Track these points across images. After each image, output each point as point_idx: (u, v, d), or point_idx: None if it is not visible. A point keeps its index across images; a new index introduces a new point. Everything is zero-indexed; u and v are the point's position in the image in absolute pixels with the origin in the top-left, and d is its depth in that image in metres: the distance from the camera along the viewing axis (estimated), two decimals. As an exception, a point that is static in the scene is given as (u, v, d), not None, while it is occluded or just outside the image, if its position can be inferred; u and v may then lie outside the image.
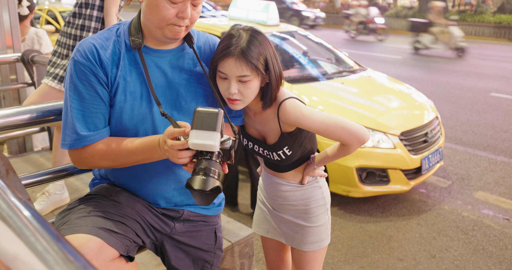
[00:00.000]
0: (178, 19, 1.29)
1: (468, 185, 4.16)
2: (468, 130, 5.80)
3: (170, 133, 1.18)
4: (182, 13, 1.28)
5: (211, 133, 1.11)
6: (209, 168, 1.13)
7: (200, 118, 1.12)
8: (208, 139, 1.11)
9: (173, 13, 1.28)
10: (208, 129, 1.11)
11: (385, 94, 4.23)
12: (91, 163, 1.36)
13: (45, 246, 0.51)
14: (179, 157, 1.18)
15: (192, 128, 1.12)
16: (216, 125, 1.11)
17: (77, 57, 1.31)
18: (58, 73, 2.46)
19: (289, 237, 1.74)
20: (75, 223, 1.28)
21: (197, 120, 1.12)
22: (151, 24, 1.32)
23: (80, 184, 3.01)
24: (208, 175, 1.12)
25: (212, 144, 1.11)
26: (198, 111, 1.13)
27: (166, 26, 1.30)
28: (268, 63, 1.42)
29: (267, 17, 4.84)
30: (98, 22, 2.43)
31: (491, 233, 3.32)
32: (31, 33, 3.89)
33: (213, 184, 1.11)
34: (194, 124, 1.12)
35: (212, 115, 1.12)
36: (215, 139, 1.11)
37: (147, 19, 1.32)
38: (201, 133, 1.11)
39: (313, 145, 1.67)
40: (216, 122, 1.11)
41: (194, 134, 1.11)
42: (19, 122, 1.54)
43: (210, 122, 1.11)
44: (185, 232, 1.56)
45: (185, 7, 1.28)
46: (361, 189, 3.47)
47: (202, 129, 1.11)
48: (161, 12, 1.27)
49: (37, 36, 3.88)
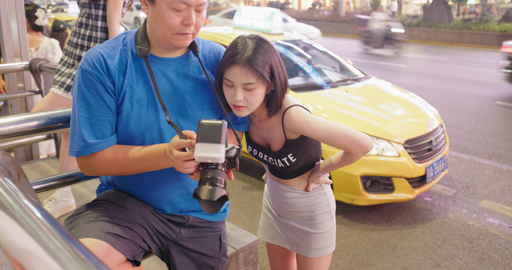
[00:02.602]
0: (184, 27, 1.31)
1: (473, 193, 4.15)
2: (473, 138, 5.79)
3: (176, 144, 1.20)
4: (187, 20, 1.30)
5: (216, 145, 1.13)
6: (215, 177, 1.15)
7: (205, 131, 1.13)
8: (213, 152, 1.13)
9: (178, 21, 1.30)
10: (213, 141, 1.13)
11: (390, 103, 4.24)
12: (98, 171, 1.39)
13: (57, 245, 0.53)
14: (185, 168, 1.20)
15: (197, 141, 1.14)
16: (220, 137, 1.13)
17: (85, 66, 1.34)
18: (65, 81, 2.50)
19: (295, 244, 1.75)
20: (83, 228, 1.30)
21: (201, 133, 1.13)
22: (157, 34, 1.34)
23: (86, 191, 3.03)
24: (214, 185, 1.14)
25: (218, 157, 1.13)
26: (202, 124, 1.14)
27: (173, 35, 1.32)
28: (273, 71, 1.44)
29: (271, 26, 4.88)
30: (104, 32, 2.47)
31: (496, 242, 3.30)
32: (45, 43, 4.01)
33: (220, 194, 1.14)
34: (199, 137, 1.14)
35: (216, 128, 1.14)
36: (220, 151, 1.13)
37: (154, 30, 1.35)
38: (206, 146, 1.13)
39: (317, 153, 1.69)
40: (221, 134, 1.13)
41: (199, 147, 1.13)
42: (28, 129, 1.57)
43: (215, 135, 1.13)
44: (190, 238, 1.57)
45: (189, 14, 1.30)
46: (365, 197, 3.47)
47: (207, 142, 1.13)
48: (166, 21, 1.30)
49: (51, 46, 4.02)
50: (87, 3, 2.44)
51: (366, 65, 11.90)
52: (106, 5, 2.42)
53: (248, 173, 4.52)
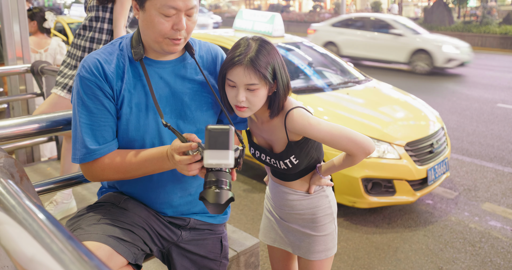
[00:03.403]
0: (174, 32, 1.31)
1: (475, 196, 4.14)
2: (474, 141, 5.78)
3: (176, 148, 1.20)
4: (177, 25, 1.30)
5: (225, 152, 1.13)
6: (220, 180, 1.16)
7: (213, 138, 1.14)
8: (223, 159, 1.13)
9: (168, 26, 1.30)
10: (222, 148, 1.13)
11: (391, 105, 4.24)
12: (102, 177, 1.39)
13: (60, 247, 0.53)
14: (189, 170, 1.20)
15: (206, 148, 1.14)
16: (228, 143, 1.13)
17: (82, 73, 1.34)
18: (67, 83, 2.50)
19: (296, 246, 1.74)
20: (85, 231, 1.30)
21: (209, 140, 1.14)
22: (149, 39, 1.35)
23: (87, 194, 3.03)
24: (220, 187, 1.15)
25: (227, 163, 1.14)
26: (210, 130, 1.14)
27: (163, 39, 1.32)
28: (276, 72, 1.45)
29: (272, 29, 4.89)
30: (108, 34, 2.49)
31: (498, 245, 3.29)
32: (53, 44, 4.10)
33: (226, 196, 1.14)
34: (207, 144, 1.14)
35: (224, 134, 1.14)
36: (230, 157, 1.14)
37: (145, 34, 1.36)
38: (215, 152, 1.13)
39: (319, 155, 1.69)
40: (229, 140, 1.14)
41: (208, 154, 1.14)
42: (30, 131, 1.57)
43: (223, 141, 1.13)
44: (191, 241, 1.57)
45: (179, 19, 1.30)
46: (366, 200, 3.46)
47: (215, 149, 1.13)
48: (156, 26, 1.30)
49: (60, 47, 4.13)
50: (95, 6, 2.46)
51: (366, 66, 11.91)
52: (113, 8, 2.45)
53: (249, 175, 4.52)
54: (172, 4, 1.26)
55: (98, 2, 2.44)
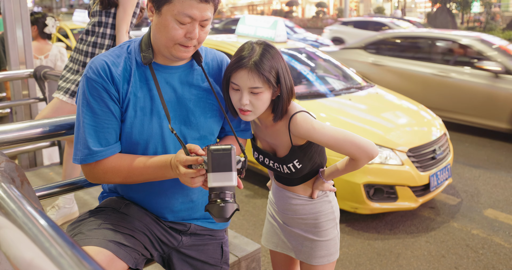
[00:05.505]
0: (186, 40, 1.32)
1: (478, 202, 4.12)
2: (477, 147, 5.76)
3: (182, 161, 1.20)
4: (190, 34, 1.31)
5: (228, 174, 1.14)
6: (223, 192, 1.15)
7: (216, 160, 1.14)
8: (226, 181, 1.14)
9: (181, 33, 1.31)
10: (225, 170, 1.14)
11: (393, 111, 4.24)
12: (103, 179, 1.39)
13: (59, 251, 0.53)
14: (193, 183, 1.21)
15: (209, 171, 1.14)
16: (231, 165, 1.14)
17: (89, 74, 1.35)
18: (70, 87, 2.51)
19: (298, 251, 1.74)
20: (86, 235, 1.30)
21: (212, 162, 1.14)
22: (159, 43, 1.36)
23: (89, 198, 3.03)
24: (225, 201, 1.15)
25: (231, 185, 1.14)
26: (212, 152, 1.14)
27: (174, 45, 1.33)
28: (279, 76, 1.46)
29: (275, 34, 4.90)
30: (111, 40, 2.50)
31: (501, 251, 3.27)
32: (54, 50, 4.08)
33: (231, 209, 1.15)
34: (210, 166, 1.14)
35: (226, 155, 1.14)
36: (233, 178, 1.14)
37: (156, 38, 1.36)
38: (219, 175, 1.14)
39: (322, 159, 1.70)
40: (231, 161, 1.14)
41: (212, 177, 1.14)
42: (32, 135, 1.58)
43: (226, 163, 1.14)
44: (192, 246, 1.57)
45: (193, 27, 1.31)
46: (368, 206, 3.45)
47: (219, 171, 1.13)
48: (169, 32, 1.30)
49: (61, 53, 4.11)
50: (98, 11, 2.48)
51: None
52: (116, 13, 2.46)
53: (251, 181, 4.51)
54: (189, 13, 1.27)
55: (101, 7, 2.46)
